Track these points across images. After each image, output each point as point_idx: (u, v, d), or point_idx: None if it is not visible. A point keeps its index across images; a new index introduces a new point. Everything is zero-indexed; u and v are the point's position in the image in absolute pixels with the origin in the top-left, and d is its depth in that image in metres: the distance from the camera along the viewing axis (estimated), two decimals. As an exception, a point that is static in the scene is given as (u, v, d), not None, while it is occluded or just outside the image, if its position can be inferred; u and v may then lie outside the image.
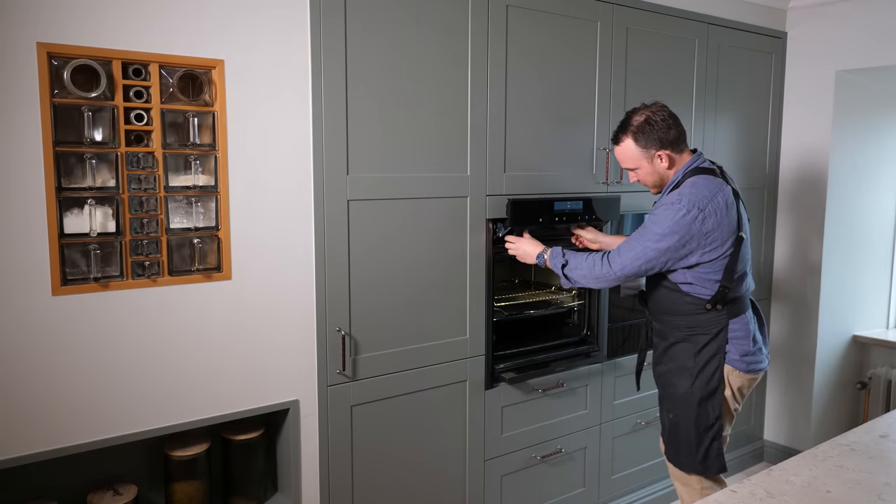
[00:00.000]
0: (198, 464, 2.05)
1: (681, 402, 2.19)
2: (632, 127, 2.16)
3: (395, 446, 2.32)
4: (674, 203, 2.07)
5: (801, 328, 3.52)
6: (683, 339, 2.19)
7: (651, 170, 2.19)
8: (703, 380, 2.15)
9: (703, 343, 2.15)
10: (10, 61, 1.61)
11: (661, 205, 2.12)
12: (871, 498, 1.38)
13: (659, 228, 2.07)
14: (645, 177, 2.22)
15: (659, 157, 2.16)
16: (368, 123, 2.15)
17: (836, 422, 3.63)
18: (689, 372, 2.17)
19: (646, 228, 2.11)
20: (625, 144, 2.19)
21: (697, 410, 2.16)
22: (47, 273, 1.70)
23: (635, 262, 2.11)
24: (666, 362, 2.24)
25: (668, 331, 2.23)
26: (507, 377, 2.52)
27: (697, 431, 2.17)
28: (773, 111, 3.47)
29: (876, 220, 3.66)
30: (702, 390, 2.15)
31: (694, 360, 2.16)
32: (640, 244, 2.10)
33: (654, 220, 2.10)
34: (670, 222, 2.05)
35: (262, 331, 2.03)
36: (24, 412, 1.71)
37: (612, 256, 2.15)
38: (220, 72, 1.88)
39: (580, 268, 2.21)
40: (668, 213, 2.06)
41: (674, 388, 2.21)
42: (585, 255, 2.23)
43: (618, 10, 2.73)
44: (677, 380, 2.20)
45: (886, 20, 3.15)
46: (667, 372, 2.23)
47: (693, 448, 2.18)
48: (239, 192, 1.95)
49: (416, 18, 2.21)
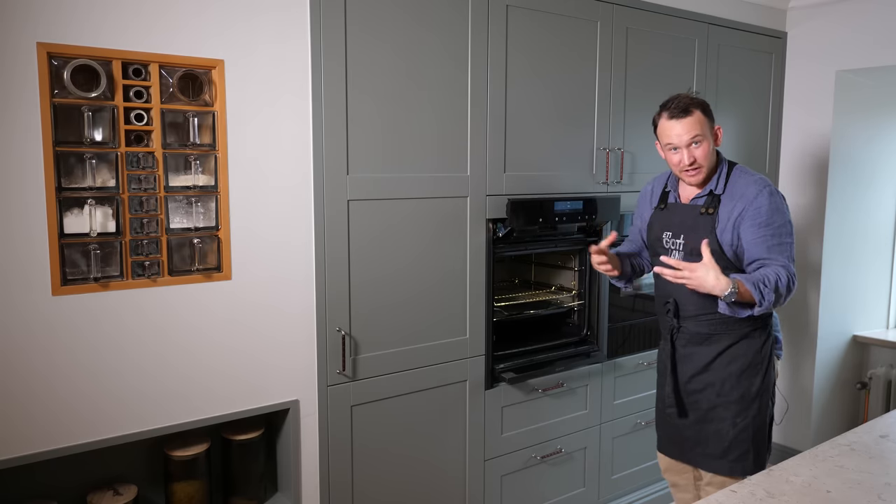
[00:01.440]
0: (198, 464, 2.05)
1: (752, 401, 2.10)
2: (697, 99, 2.08)
3: (395, 446, 2.32)
4: (766, 187, 2.03)
5: (801, 328, 3.52)
6: (744, 336, 2.09)
7: (711, 147, 2.09)
8: (769, 373, 2.11)
9: (766, 335, 2.11)
10: (10, 61, 1.61)
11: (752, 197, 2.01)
12: (871, 498, 1.38)
13: (784, 218, 2.01)
14: (705, 155, 2.07)
15: (718, 130, 2.12)
16: (368, 123, 2.15)
17: (836, 422, 3.63)
18: (757, 368, 2.10)
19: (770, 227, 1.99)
20: (697, 115, 2.05)
21: (769, 404, 2.12)
22: (47, 273, 1.70)
23: (793, 262, 2.02)
24: (722, 367, 2.11)
25: (720, 334, 2.10)
26: (507, 377, 2.52)
27: (770, 423, 2.13)
28: (773, 111, 3.47)
29: (876, 220, 3.66)
30: (769, 383, 2.12)
31: (760, 355, 2.10)
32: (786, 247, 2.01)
33: (771, 212, 2.00)
34: (784, 208, 2.03)
35: (262, 331, 2.03)
36: (25, 412, 1.71)
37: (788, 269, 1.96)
38: (220, 72, 1.88)
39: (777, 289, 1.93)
40: (775, 200, 2.01)
41: (740, 390, 2.09)
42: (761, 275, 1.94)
43: (618, 10, 2.73)
44: (747, 380, 2.09)
45: (886, 20, 3.15)
46: (727, 376, 2.10)
47: (766, 443, 2.13)
48: (239, 192, 1.95)
49: (417, 18, 2.21)
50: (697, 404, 2.16)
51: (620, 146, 2.80)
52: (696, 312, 2.12)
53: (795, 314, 3.53)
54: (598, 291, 2.80)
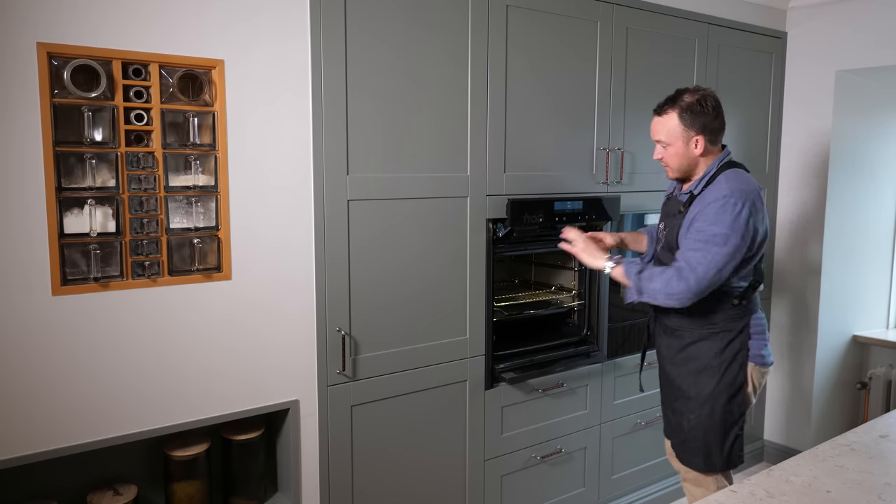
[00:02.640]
0: (198, 464, 2.05)
1: (705, 402, 2.13)
2: (681, 102, 2.06)
3: (395, 446, 2.32)
4: (726, 198, 1.95)
5: (801, 328, 3.52)
6: (704, 337, 2.12)
7: (683, 151, 2.08)
8: (729, 377, 2.11)
9: (727, 340, 2.11)
10: (10, 61, 1.61)
11: (709, 202, 1.99)
12: (871, 498, 1.38)
13: (721, 229, 1.94)
14: (672, 157, 2.10)
15: (696, 141, 2.07)
16: (368, 123, 2.15)
17: (836, 422, 3.63)
18: (713, 370, 2.11)
19: (705, 232, 1.96)
20: (668, 117, 2.07)
21: (725, 408, 2.11)
22: (47, 273, 1.70)
23: (709, 272, 1.94)
24: (682, 363, 2.17)
25: (683, 330, 2.16)
26: (507, 377, 2.52)
27: (724, 428, 2.12)
28: (773, 111, 3.47)
29: (876, 219, 3.66)
30: (728, 388, 2.11)
31: (719, 359, 2.11)
32: (706, 254, 1.95)
33: (712, 221, 1.95)
34: (730, 220, 1.94)
35: (262, 331, 2.03)
36: (24, 412, 1.71)
37: (685, 272, 1.96)
38: (220, 72, 1.88)
39: (657, 281, 2.00)
40: (726, 214, 1.95)
41: (696, 388, 2.14)
42: (661, 269, 2.04)
43: (618, 10, 2.73)
44: (700, 379, 2.13)
45: (886, 20, 3.15)
46: (686, 373, 2.16)
47: (718, 446, 2.13)
48: (239, 192, 1.95)
49: (417, 18, 2.21)
50: (670, 392, 2.24)
51: (620, 146, 2.80)
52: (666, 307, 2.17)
53: (795, 314, 3.53)
54: (598, 291, 2.80)
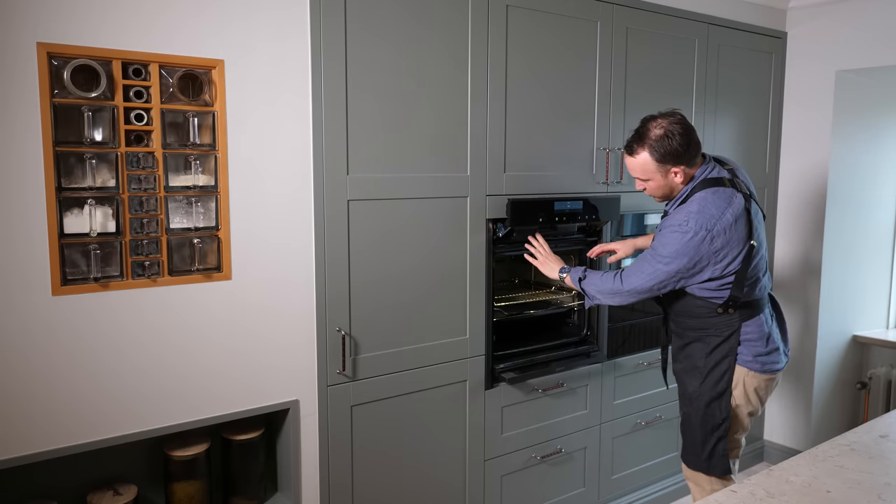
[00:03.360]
0: (198, 464, 2.05)
1: (690, 401, 2.23)
2: (649, 139, 2.06)
3: (395, 446, 2.32)
4: (681, 225, 2.04)
5: (801, 328, 3.52)
6: (697, 339, 2.21)
7: (663, 183, 2.13)
8: (712, 380, 2.17)
9: (714, 344, 2.17)
10: (10, 61, 1.61)
11: (667, 226, 2.09)
12: (871, 498, 1.38)
13: (667, 251, 2.06)
14: (654, 189, 2.17)
15: (674, 172, 2.10)
16: (368, 123, 2.15)
17: (836, 422, 3.63)
18: (699, 371, 2.19)
19: (655, 250, 2.11)
20: (641, 157, 2.10)
21: (705, 410, 2.18)
22: (47, 273, 1.70)
23: (646, 282, 2.12)
24: (681, 360, 2.27)
25: (682, 330, 2.25)
26: (507, 377, 2.52)
27: (704, 431, 2.20)
28: (773, 111, 3.47)
29: (876, 219, 3.66)
30: (710, 390, 2.17)
31: (705, 361, 2.19)
32: (650, 265, 2.11)
33: (663, 243, 2.08)
34: (678, 244, 2.04)
35: (262, 331, 2.03)
36: (24, 412, 1.71)
37: (626, 275, 2.16)
38: (219, 72, 1.88)
39: (594, 283, 2.24)
40: (676, 237, 2.04)
41: (684, 387, 2.25)
42: (602, 273, 2.26)
43: (618, 10, 2.73)
44: (688, 378, 2.23)
45: (886, 20, 3.15)
46: (680, 370, 2.27)
47: (699, 447, 2.21)
48: (239, 192, 1.95)
49: (417, 18, 2.21)
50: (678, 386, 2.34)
51: (620, 146, 2.80)
52: (668, 309, 2.31)
53: (795, 314, 3.53)
54: (598, 291, 2.80)
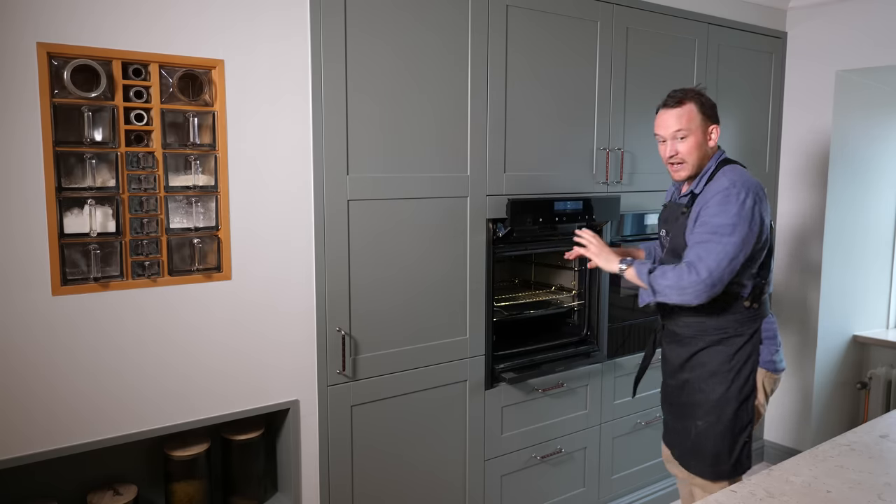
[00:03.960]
0: (198, 464, 2.05)
1: (714, 408, 2.08)
2: (696, 95, 2.03)
3: (395, 446, 2.32)
4: (728, 190, 1.92)
5: (801, 328, 3.52)
6: (715, 342, 2.08)
7: (701, 142, 2.03)
8: (739, 383, 2.07)
9: (738, 346, 2.06)
10: (10, 61, 1.61)
11: (712, 194, 1.96)
12: (871, 498, 1.38)
13: (726, 220, 1.90)
14: (690, 150, 2.03)
15: (712, 131, 2.04)
16: (368, 123, 2.15)
17: (836, 422, 3.63)
18: (723, 376, 2.07)
19: (710, 226, 1.93)
20: (688, 107, 2.01)
21: (734, 415, 2.07)
22: (47, 273, 1.70)
23: (721, 263, 1.90)
24: (691, 370, 2.13)
25: (692, 337, 2.12)
26: (507, 377, 2.52)
27: (733, 434, 2.08)
28: (773, 111, 3.47)
29: (876, 220, 3.66)
30: (738, 394, 2.07)
31: (729, 364, 2.07)
32: (716, 245, 1.91)
33: (716, 213, 1.92)
34: (735, 210, 1.90)
35: (262, 331, 2.03)
36: (25, 412, 1.71)
37: (695, 264, 1.92)
38: (220, 72, 1.88)
39: (666, 277, 1.96)
40: (730, 203, 1.91)
41: (704, 395, 2.10)
42: (672, 266, 1.99)
43: (618, 10, 2.73)
44: (709, 385, 2.09)
45: (886, 20, 3.15)
46: (694, 379, 2.12)
47: (726, 454, 2.09)
48: (239, 192, 1.95)
49: (417, 18, 2.21)
50: (678, 399, 2.20)
51: (620, 146, 2.80)
52: (675, 313, 2.16)
53: (795, 314, 3.53)
54: (598, 291, 2.80)
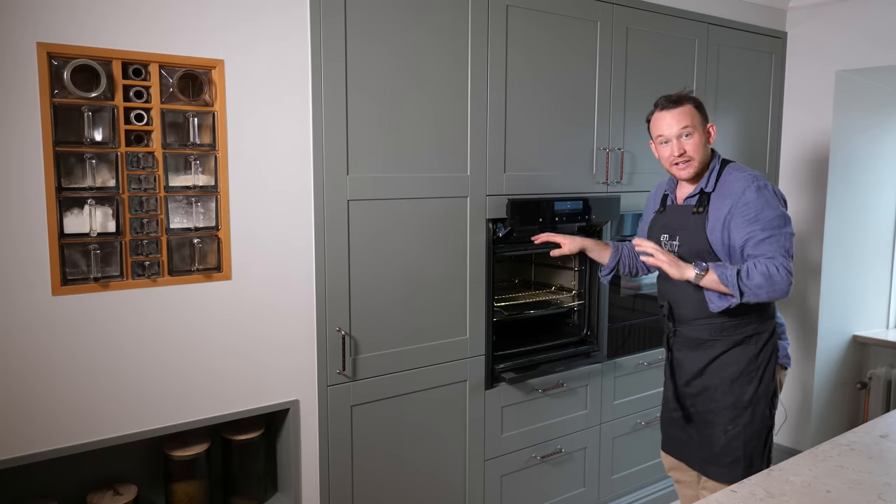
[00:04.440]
0: (198, 464, 2.05)
1: (743, 410, 2.06)
2: (691, 96, 2.10)
3: (395, 446, 2.32)
4: (754, 183, 1.98)
5: (801, 328, 3.52)
6: (739, 342, 2.06)
7: (703, 141, 2.08)
8: (767, 381, 2.06)
9: (762, 343, 2.05)
10: (10, 61, 1.61)
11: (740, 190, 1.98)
12: (871, 498, 1.38)
13: (774, 212, 1.95)
14: (696, 147, 2.06)
15: (711, 128, 2.10)
16: (368, 123, 2.15)
17: (836, 422, 3.63)
18: (750, 375, 2.05)
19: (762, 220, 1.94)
20: (687, 107, 2.07)
21: (764, 414, 2.06)
22: (47, 273, 1.70)
23: (790, 252, 1.94)
24: (713, 374, 2.09)
25: (713, 340, 2.08)
26: (507, 377, 2.52)
27: (765, 434, 2.07)
28: (773, 111, 3.47)
29: (876, 219, 3.66)
30: (766, 393, 2.06)
31: (756, 363, 2.05)
32: (778, 237, 1.93)
33: (761, 207, 1.95)
34: (775, 201, 1.96)
35: (262, 331, 2.03)
36: (25, 412, 1.71)
37: (776, 259, 1.91)
38: (220, 72, 1.88)
39: (753, 277, 1.90)
40: (763, 195, 1.96)
41: (732, 397, 2.06)
42: (751, 265, 1.93)
43: (618, 10, 2.73)
44: (739, 388, 2.06)
45: (886, 20, 3.15)
46: (719, 383, 2.08)
47: (760, 454, 2.07)
48: (239, 192, 1.95)
49: (417, 18, 2.21)
50: (694, 407, 2.16)
51: (620, 146, 2.80)
52: (691, 317, 2.12)
53: (795, 314, 3.53)
54: (598, 291, 2.80)
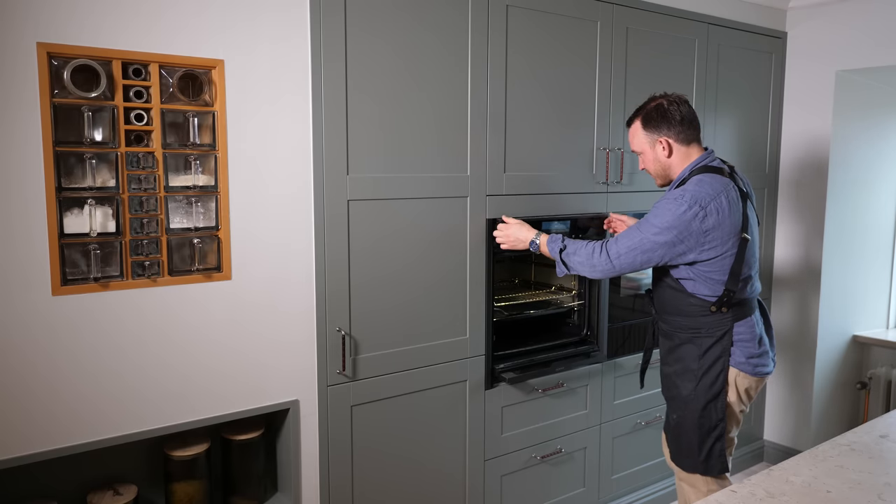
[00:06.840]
0: (198, 464, 2.05)
1: (684, 404, 2.17)
2: (644, 111, 2.19)
3: (395, 446, 2.32)
4: (676, 198, 2.05)
5: (801, 328, 3.52)
6: (688, 340, 2.16)
7: (653, 157, 2.19)
8: (707, 382, 2.13)
9: (707, 345, 2.13)
10: (10, 61, 1.61)
11: (664, 199, 2.10)
12: (871, 498, 1.38)
13: (659, 221, 2.05)
14: (648, 164, 2.22)
15: (660, 143, 2.16)
16: (368, 123, 2.15)
17: (836, 422, 3.63)
18: (693, 374, 2.15)
19: (646, 220, 2.09)
20: (634, 127, 2.22)
21: (701, 413, 2.14)
22: (47, 273, 1.70)
23: (631, 252, 2.08)
24: (671, 363, 2.22)
25: (673, 331, 2.20)
26: (507, 377, 2.52)
27: (700, 433, 2.15)
28: (773, 111, 3.47)
29: (876, 219, 3.66)
30: (706, 393, 2.14)
31: (698, 363, 2.14)
32: (638, 235, 2.08)
33: (655, 213, 2.08)
34: (671, 216, 2.03)
35: (262, 331, 2.03)
36: (24, 412, 1.71)
37: (610, 245, 2.12)
38: (220, 72, 1.88)
39: (578, 254, 2.17)
40: (670, 208, 2.04)
41: (678, 390, 2.19)
42: (585, 242, 2.19)
43: (618, 10, 2.73)
44: (682, 381, 2.18)
45: (886, 20, 3.15)
46: (672, 373, 2.21)
47: (695, 449, 2.17)
48: (239, 192, 1.95)
49: (417, 18, 2.21)
50: (665, 389, 2.29)
51: (620, 146, 2.80)
52: (660, 309, 2.26)
53: (795, 314, 3.53)
54: (598, 291, 2.80)
